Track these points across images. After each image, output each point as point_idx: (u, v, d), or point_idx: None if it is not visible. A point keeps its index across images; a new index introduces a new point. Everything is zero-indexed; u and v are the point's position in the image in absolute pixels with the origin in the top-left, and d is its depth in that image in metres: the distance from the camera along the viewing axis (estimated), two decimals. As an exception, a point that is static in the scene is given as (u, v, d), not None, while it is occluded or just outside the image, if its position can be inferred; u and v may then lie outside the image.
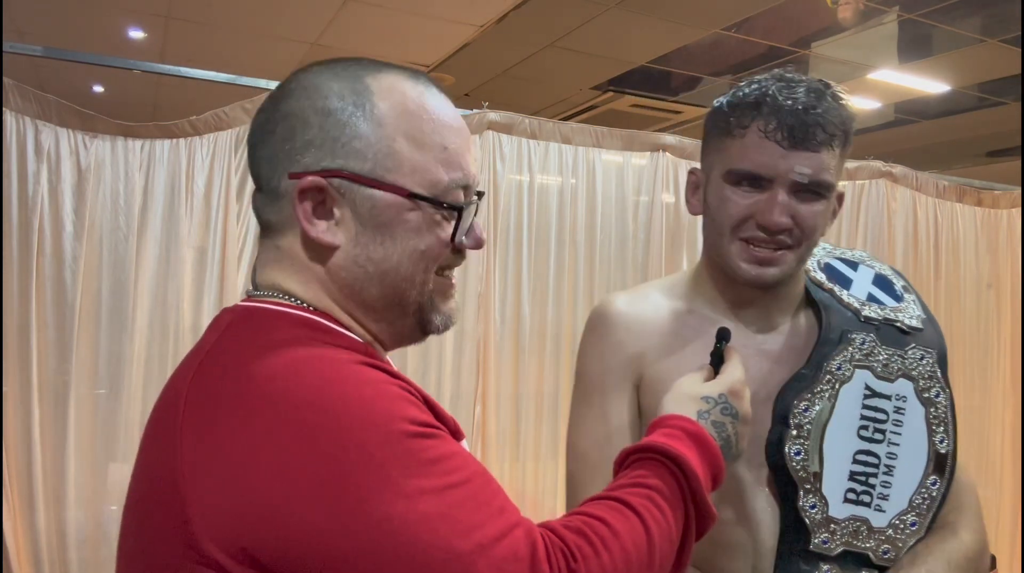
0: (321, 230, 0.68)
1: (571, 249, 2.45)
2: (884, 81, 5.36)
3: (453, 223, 0.72)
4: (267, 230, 0.73)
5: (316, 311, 0.70)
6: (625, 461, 0.74)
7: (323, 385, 0.60)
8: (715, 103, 1.01)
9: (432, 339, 2.58)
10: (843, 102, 0.95)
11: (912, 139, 6.92)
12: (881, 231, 2.83)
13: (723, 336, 0.91)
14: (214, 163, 2.05)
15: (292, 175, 0.68)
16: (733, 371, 0.86)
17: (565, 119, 3.00)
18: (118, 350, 1.96)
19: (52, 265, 1.90)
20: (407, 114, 0.70)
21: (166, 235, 2.01)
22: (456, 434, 0.67)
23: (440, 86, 0.74)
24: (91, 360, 1.94)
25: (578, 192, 2.45)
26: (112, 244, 1.96)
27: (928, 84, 5.40)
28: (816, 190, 0.93)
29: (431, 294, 0.74)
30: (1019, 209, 3.08)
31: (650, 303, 1.07)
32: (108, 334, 1.95)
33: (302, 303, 0.70)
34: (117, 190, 1.96)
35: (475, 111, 2.33)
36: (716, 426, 0.80)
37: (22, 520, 1.88)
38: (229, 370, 0.63)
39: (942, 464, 0.99)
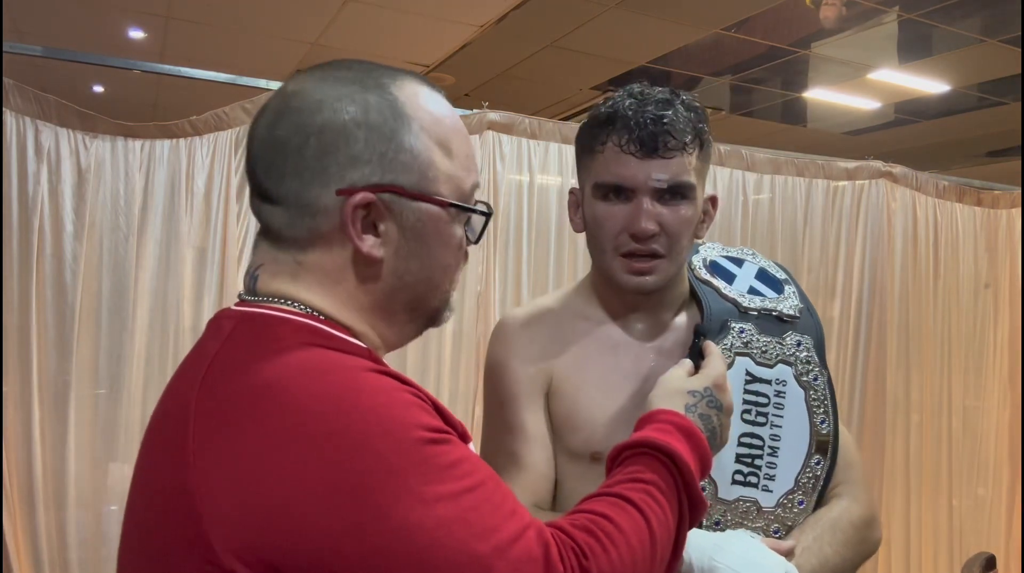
0: (370, 245, 0.69)
1: (571, 249, 2.45)
2: (884, 81, 5.37)
3: (475, 227, 0.76)
4: (282, 242, 0.71)
5: (319, 318, 0.69)
6: (619, 457, 0.76)
7: (337, 393, 0.60)
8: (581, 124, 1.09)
9: (432, 339, 2.57)
10: (692, 107, 1.02)
11: (912, 139, 6.92)
12: (881, 231, 2.83)
13: (700, 332, 0.98)
14: (214, 163, 2.05)
15: (340, 192, 0.67)
16: (715, 365, 0.90)
17: (565, 119, 3.00)
18: (118, 350, 1.96)
19: (52, 265, 1.90)
20: (436, 123, 0.71)
21: (166, 235, 2.01)
22: (464, 437, 0.68)
23: (441, 90, 0.76)
24: (91, 360, 1.94)
25: (578, 192, 2.45)
26: (112, 244, 1.96)
27: (928, 84, 5.40)
28: (678, 192, 1.00)
29: (448, 296, 0.77)
30: (1019, 209, 3.08)
31: (547, 315, 1.13)
32: (108, 334, 1.96)
33: (305, 309, 0.69)
34: (117, 190, 1.96)
35: (475, 111, 2.33)
36: (703, 418, 0.83)
37: (22, 520, 1.88)
38: (239, 379, 0.62)
39: (824, 445, 1.04)
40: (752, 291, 1.10)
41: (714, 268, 1.13)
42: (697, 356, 0.94)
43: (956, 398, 2.99)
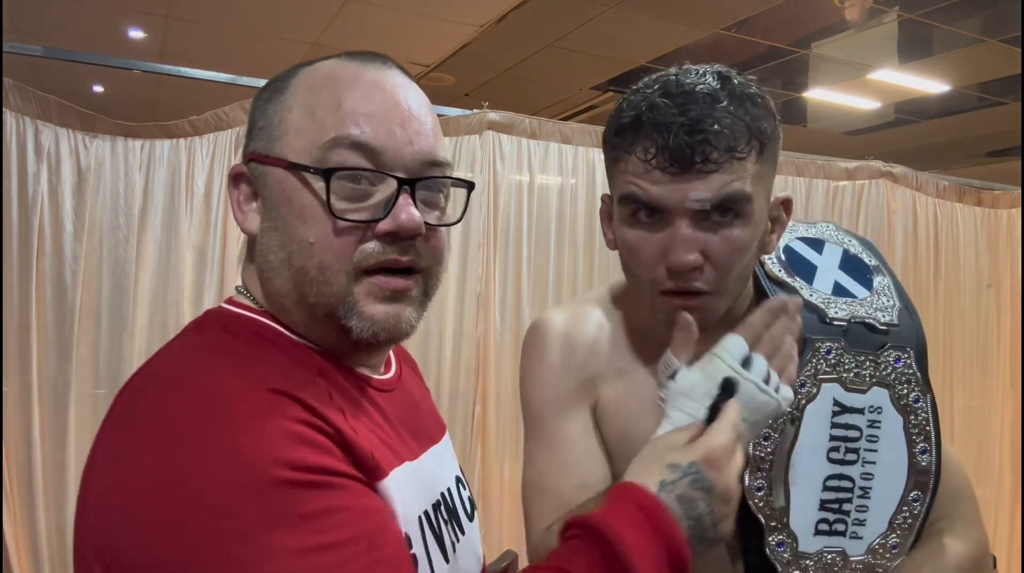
0: (242, 217, 0.67)
1: (571, 249, 2.45)
2: (884, 81, 5.36)
3: (332, 195, 0.62)
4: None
5: (266, 313, 0.66)
6: (565, 532, 0.64)
7: (196, 415, 0.54)
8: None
9: (432, 339, 2.55)
10: (747, 97, 0.77)
11: (912, 139, 6.91)
12: (881, 231, 2.83)
13: (727, 389, 0.71)
14: (214, 163, 2.05)
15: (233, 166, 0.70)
16: (717, 436, 0.66)
17: (565, 119, 3.00)
18: (118, 350, 1.96)
19: (52, 265, 1.90)
20: (311, 87, 0.65)
21: (166, 235, 2.01)
22: (376, 475, 0.60)
23: (393, 66, 0.68)
24: (91, 360, 1.94)
25: (578, 192, 2.45)
26: (112, 244, 1.96)
27: (928, 84, 5.40)
28: (728, 210, 0.77)
29: (344, 296, 0.63)
30: (1019, 209, 3.08)
31: (591, 320, 0.94)
32: (108, 334, 1.95)
33: (253, 300, 0.68)
34: (117, 190, 1.96)
35: (475, 111, 2.33)
36: (682, 501, 0.63)
37: (22, 520, 1.88)
38: (136, 378, 0.60)
39: (924, 478, 0.87)
40: (838, 290, 0.89)
41: (789, 257, 0.92)
42: (713, 416, 0.71)
43: (958, 398, 2.99)
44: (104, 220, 1.95)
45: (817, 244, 0.94)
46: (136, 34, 4.73)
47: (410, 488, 0.65)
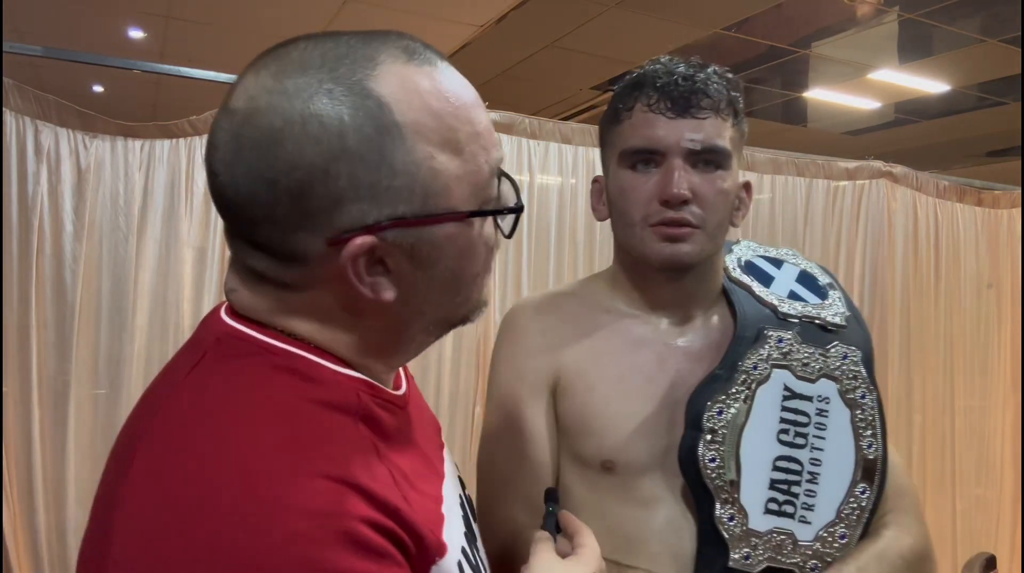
0: (378, 289, 0.57)
1: (571, 249, 2.45)
2: (884, 81, 5.36)
3: (503, 218, 0.62)
4: (266, 281, 0.59)
5: (306, 346, 0.59)
6: None
7: (241, 499, 0.48)
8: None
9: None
10: (726, 76, 0.93)
11: (912, 139, 6.91)
12: (881, 231, 2.83)
13: (551, 497, 0.78)
14: (214, 163, 2.04)
15: (332, 242, 0.54)
16: (592, 544, 0.72)
17: (565, 119, 3.00)
18: (118, 350, 1.96)
19: (52, 265, 1.90)
20: (435, 116, 0.56)
21: (166, 235, 2.01)
22: (432, 552, 0.56)
23: (434, 50, 0.61)
24: (91, 360, 1.94)
25: (578, 192, 2.45)
26: (112, 244, 1.96)
27: (928, 84, 5.40)
28: (713, 159, 0.90)
29: (476, 299, 0.65)
30: (1019, 209, 3.08)
31: (563, 305, 1.03)
32: (108, 334, 1.95)
33: (291, 336, 0.59)
34: (117, 190, 1.96)
35: (475, 111, 2.33)
36: None
37: (22, 520, 1.88)
38: (182, 418, 0.54)
39: (871, 470, 0.92)
40: (792, 296, 0.98)
41: (750, 269, 1.02)
42: (554, 528, 0.75)
43: (959, 399, 2.99)
44: (104, 220, 1.95)
45: (777, 262, 1.04)
46: (136, 34, 4.73)
47: (456, 534, 0.64)
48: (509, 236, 0.63)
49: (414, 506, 0.56)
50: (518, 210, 0.61)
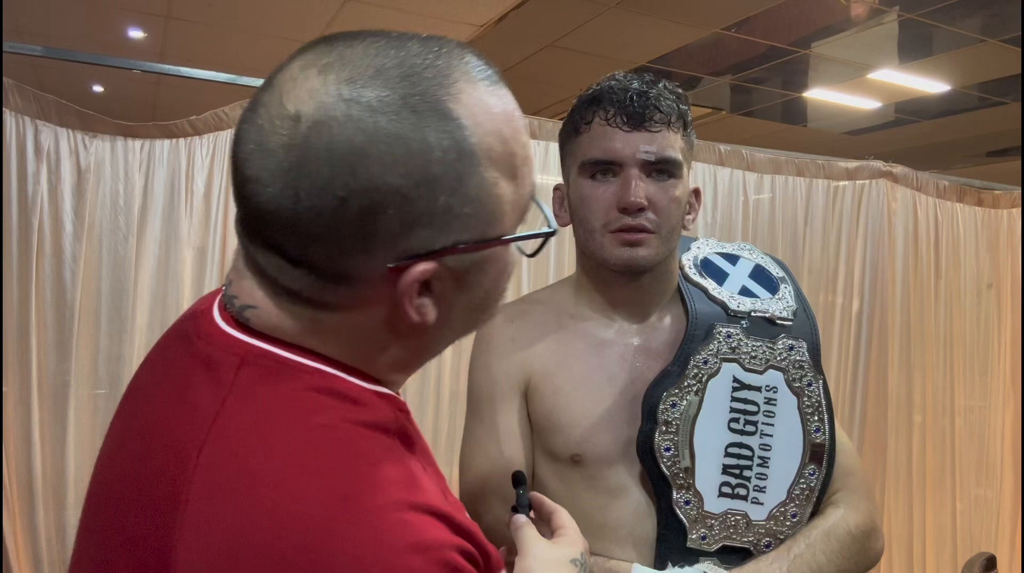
0: (423, 311, 0.55)
1: (571, 249, 2.44)
2: (884, 81, 5.37)
3: (534, 242, 0.62)
4: (297, 299, 0.55)
5: (339, 364, 0.57)
6: None
7: (331, 513, 0.47)
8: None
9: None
10: (676, 92, 1.02)
11: (912, 139, 6.92)
12: (881, 231, 2.83)
13: (518, 480, 0.84)
14: (214, 163, 2.05)
15: (395, 269, 0.52)
16: (571, 524, 0.78)
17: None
18: (118, 350, 1.96)
19: (52, 265, 1.90)
20: (503, 142, 0.55)
21: (166, 235, 2.01)
22: (494, 567, 0.58)
23: (494, 67, 0.59)
24: (91, 360, 1.94)
25: (578, 192, 2.45)
26: (112, 244, 1.96)
27: (928, 84, 5.40)
28: (665, 168, 0.98)
29: (494, 312, 0.66)
30: (1019, 209, 3.08)
31: (530, 312, 1.10)
32: (108, 334, 1.95)
33: (324, 356, 0.57)
34: (117, 190, 1.96)
35: (475, 111, 2.33)
36: None
37: (22, 520, 1.88)
38: (245, 453, 0.50)
39: (819, 453, 0.99)
40: (744, 292, 1.05)
41: (705, 267, 1.09)
42: (526, 508, 0.80)
43: (959, 399, 2.99)
44: (104, 220, 1.95)
45: (732, 258, 1.11)
46: (136, 34, 4.73)
47: None
48: (532, 255, 0.63)
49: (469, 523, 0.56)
50: (552, 234, 0.61)
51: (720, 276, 1.07)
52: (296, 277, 0.54)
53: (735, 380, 0.99)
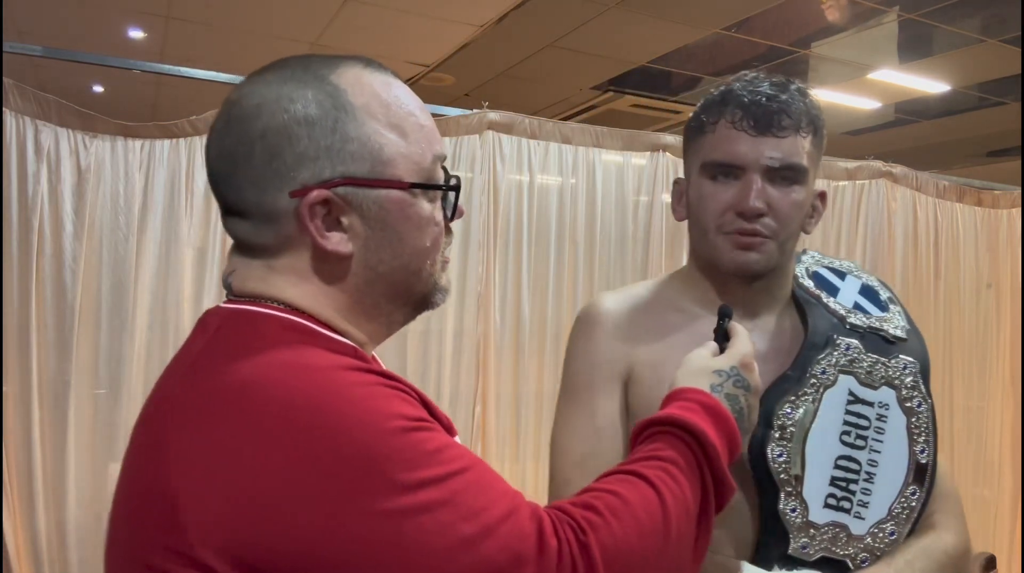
0: (335, 242, 0.68)
1: (571, 249, 2.45)
2: (884, 81, 5.37)
3: (446, 205, 0.74)
4: (254, 251, 0.71)
5: (302, 314, 0.69)
6: (641, 434, 0.75)
7: (315, 389, 0.60)
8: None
9: (432, 339, 2.55)
10: (806, 94, 0.99)
11: (912, 139, 6.92)
12: (881, 231, 2.83)
13: (725, 313, 0.91)
14: (214, 163, 2.05)
15: (294, 193, 0.66)
16: (743, 345, 0.86)
17: (565, 119, 3.00)
18: (118, 350, 1.96)
19: (52, 265, 1.90)
20: (384, 105, 0.69)
21: (166, 235, 2.01)
22: (449, 431, 0.68)
23: (388, 69, 0.74)
24: (91, 360, 1.94)
25: (578, 192, 2.45)
26: (112, 244, 1.96)
27: (928, 84, 5.40)
28: (789, 175, 0.96)
29: (437, 281, 0.76)
30: (1019, 209, 3.08)
31: (638, 301, 1.09)
32: (108, 334, 1.95)
33: (285, 306, 0.69)
34: (117, 190, 1.96)
35: (475, 111, 2.33)
36: (730, 398, 0.80)
37: (22, 520, 1.88)
38: (220, 376, 0.62)
39: (922, 474, 0.99)
40: (857, 307, 1.04)
41: (817, 279, 1.08)
42: (722, 338, 0.89)
43: (958, 399, 2.99)
44: (104, 220, 1.95)
45: (840, 274, 1.10)
46: (136, 34, 4.73)
47: None
48: (451, 219, 0.75)
49: (424, 399, 0.69)
50: (454, 188, 0.74)
51: (832, 290, 1.06)
52: (244, 229, 0.70)
53: (850, 393, 0.98)
